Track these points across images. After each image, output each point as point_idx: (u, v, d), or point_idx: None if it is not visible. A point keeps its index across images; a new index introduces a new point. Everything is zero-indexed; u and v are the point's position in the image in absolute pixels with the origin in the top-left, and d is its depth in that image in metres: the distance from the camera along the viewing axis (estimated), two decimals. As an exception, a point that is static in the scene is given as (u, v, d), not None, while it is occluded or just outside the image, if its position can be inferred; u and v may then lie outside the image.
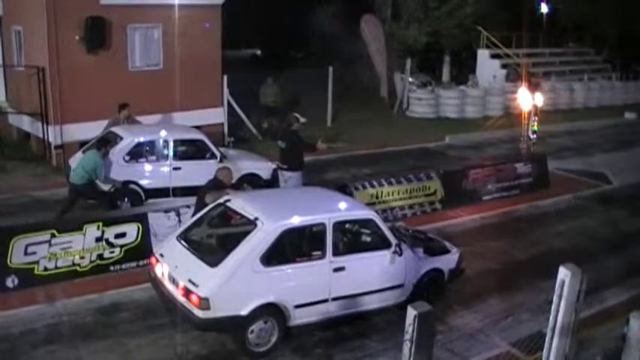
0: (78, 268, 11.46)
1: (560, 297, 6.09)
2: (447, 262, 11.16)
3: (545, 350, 6.44)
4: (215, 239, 10.20)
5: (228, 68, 22.19)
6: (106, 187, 14.15)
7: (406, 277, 10.44)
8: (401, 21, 33.15)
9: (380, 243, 10.23)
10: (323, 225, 9.68)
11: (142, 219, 12.15)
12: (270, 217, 9.53)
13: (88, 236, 11.53)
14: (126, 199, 14.62)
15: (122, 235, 11.91)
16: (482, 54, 36.23)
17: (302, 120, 14.21)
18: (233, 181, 12.56)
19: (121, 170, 14.46)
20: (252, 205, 9.98)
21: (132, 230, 12.01)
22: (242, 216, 9.89)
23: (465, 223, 15.61)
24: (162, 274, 9.82)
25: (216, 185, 11.43)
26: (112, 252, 11.80)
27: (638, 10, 38.11)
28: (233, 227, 10.20)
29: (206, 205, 10.82)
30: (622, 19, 38.71)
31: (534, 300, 11.38)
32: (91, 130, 16.56)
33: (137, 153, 14.90)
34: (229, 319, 8.99)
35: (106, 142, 14.27)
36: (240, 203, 10.13)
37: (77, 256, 11.43)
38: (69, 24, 17.76)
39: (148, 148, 15.07)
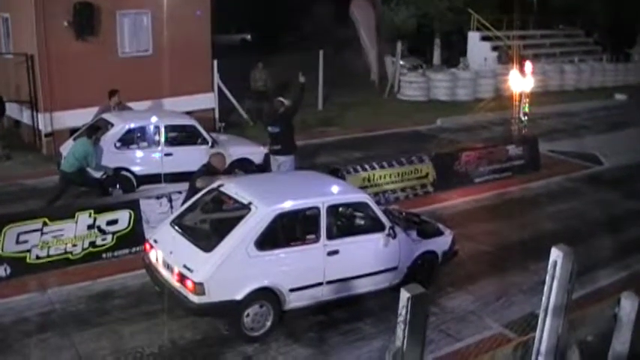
0: (70, 255, 11.44)
1: (552, 278, 6.10)
2: (440, 244, 11.17)
3: (537, 331, 6.47)
4: (209, 224, 10.19)
5: (218, 53, 22.09)
6: (97, 175, 14.10)
7: (400, 259, 10.47)
8: (391, 3, 33.06)
9: (373, 226, 10.23)
10: (317, 209, 9.68)
11: (133, 206, 12.13)
12: (264, 202, 9.53)
13: (79, 224, 11.50)
14: (117, 186, 14.56)
15: (114, 222, 11.88)
16: (473, 36, 36.14)
17: (286, 102, 14.18)
18: (225, 166, 12.54)
19: (112, 157, 14.40)
20: (245, 190, 9.98)
21: (124, 217, 11.98)
22: (235, 201, 9.88)
23: (457, 205, 15.63)
24: (157, 259, 9.84)
25: (209, 171, 11.42)
26: (104, 239, 11.78)
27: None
28: (227, 212, 10.19)
29: (198, 190, 10.80)
30: (613, 1, 38.70)
31: (526, 281, 11.45)
32: (82, 117, 16.50)
33: (128, 139, 14.85)
34: (224, 303, 9.01)
35: (97, 129, 14.21)
36: (234, 188, 10.12)
37: (69, 244, 11.41)
38: (57, 10, 17.62)
39: (139, 134, 15.02)
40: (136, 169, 14.78)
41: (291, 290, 9.47)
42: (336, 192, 10.58)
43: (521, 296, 11.09)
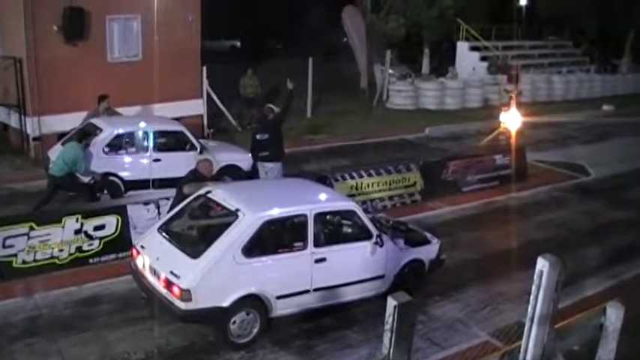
0: (57, 260, 11.40)
1: (538, 287, 6.14)
2: (427, 252, 11.19)
3: (524, 340, 6.51)
4: (196, 230, 10.15)
5: (207, 59, 22.10)
6: (86, 179, 14.06)
7: (387, 267, 10.50)
8: (381, 12, 33.16)
9: (361, 234, 10.25)
10: (304, 216, 9.70)
11: (121, 211, 12.10)
12: (252, 209, 9.53)
13: (66, 229, 11.46)
14: (105, 191, 14.50)
15: (101, 227, 11.85)
16: (462, 46, 36.42)
17: (276, 109, 14.22)
18: (213, 172, 12.54)
19: (100, 162, 14.36)
20: (233, 197, 9.99)
21: (111, 222, 11.95)
22: (223, 207, 9.86)
23: (445, 214, 15.66)
24: (144, 265, 9.81)
25: (196, 177, 11.40)
26: (91, 244, 11.74)
27: (616, 4, 38.43)
28: (214, 218, 10.14)
29: (185, 196, 10.79)
30: (600, 12, 38.95)
31: (513, 290, 11.48)
32: (70, 121, 16.47)
33: (117, 145, 14.82)
34: (211, 310, 8.99)
35: (87, 133, 14.19)
36: (222, 194, 10.12)
37: (56, 249, 11.37)
38: (46, 14, 17.54)
39: (127, 139, 15.00)
40: (124, 174, 14.70)
41: (278, 297, 9.47)
42: (323, 199, 10.68)
43: (508, 305, 11.11)
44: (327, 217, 10.33)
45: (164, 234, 10.01)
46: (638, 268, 13.04)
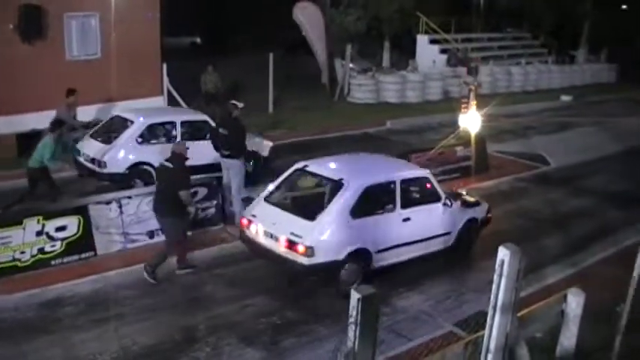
0: (18, 263, 11.25)
1: (500, 276, 6.21)
2: (479, 212, 13.05)
3: (487, 328, 6.56)
4: (305, 198, 12.04)
5: (168, 56, 21.97)
6: (54, 168, 13.85)
7: (453, 225, 12.38)
8: (340, 6, 33.20)
9: (433, 197, 12.13)
10: (393, 183, 11.52)
11: (82, 212, 11.98)
12: (353, 178, 11.27)
13: (27, 230, 11.32)
14: (138, 180, 15.09)
15: (63, 228, 11.73)
16: (422, 39, 36.58)
17: (240, 105, 14.17)
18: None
19: (133, 152, 15.16)
20: (331, 169, 11.88)
21: (73, 223, 11.83)
22: (326, 178, 11.72)
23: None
24: (257, 232, 11.27)
25: (174, 156, 11.39)
26: (54, 246, 11.61)
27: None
28: (320, 187, 11.99)
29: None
30: (557, 5, 39.43)
31: (477, 280, 11.62)
32: (29, 121, 16.27)
33: (149, 135, 15.59)
34: (329, 263, 10.60)
35: (60, 123, 14.06)
36: (319, 168, 11.97)
37: (17, 251, 11.22)
38: (2, 13, 17.30)
39: (158, 130, 15.81)
40: (156, 162, 14.44)
41: (377, 252, 11.14)
42: (404, 168, 12.74)
43: (472, 295, 11.26)
44: (409, 183, 12.04)
45: (273, 203, 11.61)
46: (598, 255, 13.29)
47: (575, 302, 7.55)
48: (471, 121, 17.86)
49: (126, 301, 10.65)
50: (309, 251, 10.36)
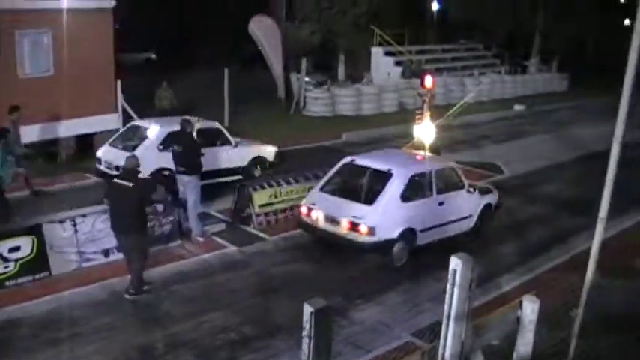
0: (-30, 285, 11.03)
1: (453, 285, 6.27)
2: (492, 198, 15.04)
3: (441, 337, 6.62)
4: (358, 186, 13.55)
5: (122, 73, 21.79)
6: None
7: (475, 209, 14.42)
8: (295, 21, 33.30)
9: (459, 185, 14.07)
10: (430, 173, 13.38)
11: (36, 232, 11.76)
12: (400, 168, 13.19)
13: (-21, 251, 11.10)
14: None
15: (16, 249, 11.50)
16: (377, 52, 36.91)
17: (193, 121, 14.15)
18: (244, 163, 17.58)
19: (155, 158, 16.04)
20: (379, 162, 13.65)
21: (26, 244, 11.60)
22: (375, 169, 13.41)
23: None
24: (317, 218, 13.03)
25: (129, 173, 11.25)
26: (7, 267, 11.35)
27: (522, 9, 39.65)
28: (370, 177, 13.50)
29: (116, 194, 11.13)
30: (508, 17, 40.05)
31: (434, 289, 11.66)
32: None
33: (169, 142, 15.84)
34: (385, 241, 12.49)
35: (6, 132, 14.12)
36: (366, 161, 13.81)
37: (-31, 273, 11.00)
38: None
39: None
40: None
41: (421, 231, 13.01)
42: (435, 161, 14.56)
43: (429, 304, 11.30)
44: (441, 172, 13.89)
45: (329, 193, 13.50)
46: (553, 261, 13.46)
47: (530, 309, 7.63)
48: (425, 131, 17.98)
49: (81, 320, 10.47)
50: (371, 231, 12.24)
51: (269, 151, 18.84)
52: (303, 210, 13.42)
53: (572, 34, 42.02)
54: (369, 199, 12.81)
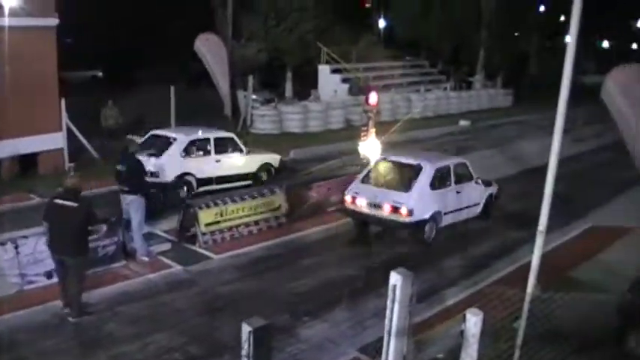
0: None
1: (393, 301, 6.32)
2: (494, 189, 17.59)
3: (383, 353, 6.66)
4: (395, 177, 15.88)
5: (67, 91, 21.51)
6: None
7: (482, 197, 17.03)
8: (242, 39, 33.32)
9: (469, 176, 16.69)
10: (450, 166, 16.16)
11: (-25, 253, 11.53)
12: (427, 162, 15.80)
13: None
14: (185, 188, 17.87)
15: (-43, 272, 11.25)
16: (323, 69, 37.09)
17: (138, 141, 14.01)
18: (254, 169, 19.43)
19: (179, 164, 17.81)
20: (409, 158, 16.33)
21: (-33, 266, 11.36)
22: (406, 164, 15.98)
23: (311, 235, 15.92)
24: (361, 205, 15.41)
25: (70, 192, 10.99)
26: (-55, 291, 11.13)
27: (468, 25, 40.34)
28: (403, 170, 15.86)
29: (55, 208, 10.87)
30: (453, 33, 40.69)
31: (381, 305, 11.68)
32: None
33: (190, 150, 18.26)
34: (420, 221, 15.03)
35: None
36: (398, 158, 16.41)
37: None
38: None
39: (197, 145, 18.45)
40: (196, 173, 18.15)
41: (445, 214, 15.67)
42: (452, 157, 17.62)
43: (374, 320, 11.29)
44: (457, 166, 16.48)
45: (369, 184, 15.87)
46: (497, 273, 13.60)
47: (473, 322, 7.70)
48: (370, 148, 18.25)
49: (24, 344, 10.26)
50: (410, 212, 14.75)
51: (275, 159, 20.60)
52: (348, 198, 15.73)
53: (515, 51, 42.89)
54: (405, 187, 15.30)
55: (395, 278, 6.28)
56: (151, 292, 12.26)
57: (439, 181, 15.68)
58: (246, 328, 5.56)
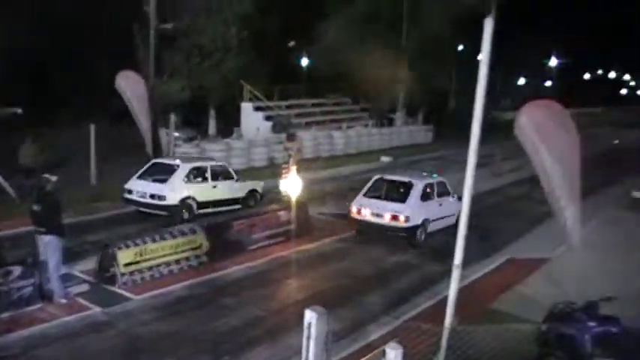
0: None
1: (308, 338, 6.36)
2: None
3: (301, 391, 6.68)
4: (391, 192, 19.41)
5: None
6: None
7: (456, 209, 17.57)
8: (164, 76, 33.18)
9: (447, 192, 19.90)
10: (434, 183, 19.59)
11: None
12: (417, 180, 19.33)
13: None
14: (185, 212, 19.83)
15: None
16: (246, 107, 37.27)
17: (53, 179, 13.63)
18: (244, 194, 21.82)
19: (182, 189, 20.01)
20: (401, 176, 20.07)
21: None
22: (400, 181, 19.60)
23: (233, 273, 15.75)
24: (365, 214, 18.60)
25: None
26: None
27: (388, 62, 41.09)
28: (398, 186, 19.46)
29: None
30: (375, 71, 41.39)
31: (301, 342, 11.70)
32: None
33: (192, 176, 20.56)
34: (414, 226, 18.27)
35: None
36: (392, 177, 20.21)
37: None
38: None
39: (197, 172, 20.79)
40: (197, 197, 20.28)
41: (431, 221, 18.88)
42: (434, 176, 20.46)
43: (298, 358, 11.30)
44: (439, 183, 19.80)
45: (371, 198, 19.22)
46: (418, 308, 13.85)
47: (393, 355, 7.81)
48: (291, 185, 18.50)
49: None
50: (406, 219, 18.00)
51: (260, 185, 22.89)
52: (354, 210, 18.93)
53: (435, 89, 43.89)
54: (401, 200, 18.65)
55: (310, 316, 6.34)
56: (68, 335, 11.95)
57: (426, 195, 19.05)
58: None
